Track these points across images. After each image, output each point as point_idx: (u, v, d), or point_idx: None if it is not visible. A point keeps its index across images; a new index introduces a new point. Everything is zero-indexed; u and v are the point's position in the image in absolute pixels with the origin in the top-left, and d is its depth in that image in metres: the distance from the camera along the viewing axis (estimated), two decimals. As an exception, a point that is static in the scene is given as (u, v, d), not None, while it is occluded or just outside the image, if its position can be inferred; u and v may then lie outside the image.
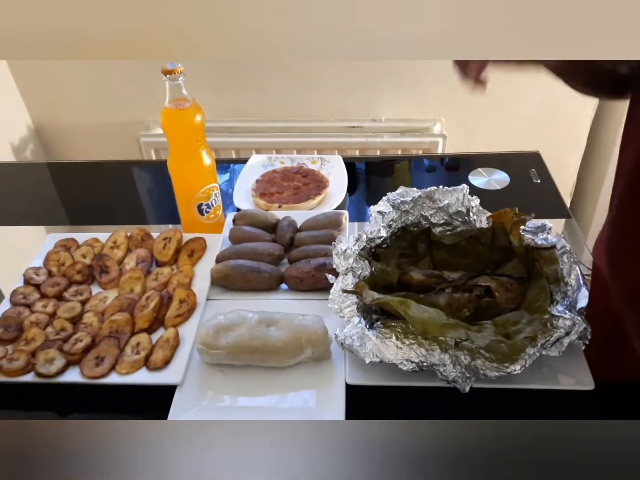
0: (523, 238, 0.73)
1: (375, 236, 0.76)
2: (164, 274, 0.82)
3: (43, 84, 1.69)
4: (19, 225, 1.05)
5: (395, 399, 0.66)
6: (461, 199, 0.77)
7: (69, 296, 0.80)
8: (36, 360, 0.68)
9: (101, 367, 0.68)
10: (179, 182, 0.87)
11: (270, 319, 0.69)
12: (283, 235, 0.87)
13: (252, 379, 0.68)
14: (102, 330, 0.73)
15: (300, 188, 1.04)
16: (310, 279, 0.78)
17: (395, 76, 1.61)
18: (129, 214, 1.06)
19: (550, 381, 0.65)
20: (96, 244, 0.89)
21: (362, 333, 0.64)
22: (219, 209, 0.92)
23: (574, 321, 0.61)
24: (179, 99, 0.80)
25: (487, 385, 0.63)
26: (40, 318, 0.75)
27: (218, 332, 0.68)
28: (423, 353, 0.62)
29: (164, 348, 0.70)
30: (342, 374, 0.67)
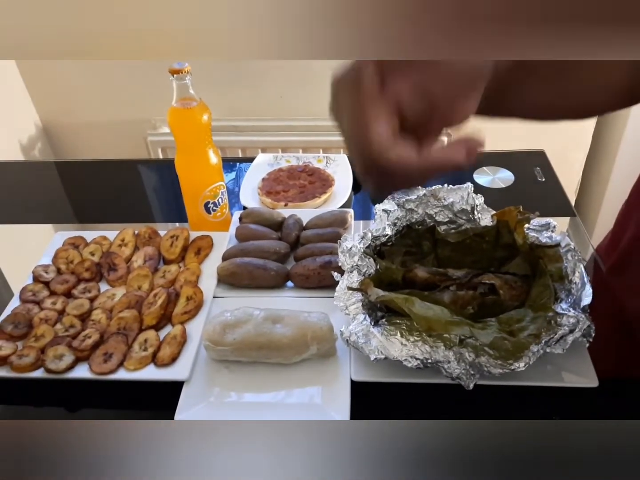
0: (527, 236, 0.73)
1: (381, 234, 0.76)
2: (171, 271, 0.83)
3: (51, 83, 1.70)
4: (28, 223, 1.06)
5: (399, 396, 0.67)
6: (466, 197, 0.77)
7: (77, 293, 0.81)
8: (45, 357, 0.69)
9: (109, 363, 0.69)
10: (186, 181, 0.88)
11: (276, 316, 0.70)
12: (289, 233, 0.88)
13: (258, 375, 0.69)
14: (111, 326, 0.74)
15: (306, 186, 1.05)
16: (316, 277, 0.79)
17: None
18: (137, 212, 1.07)
19: (554, 378, 0.65)
20: (104, 242, 0.90)
21: (367, 330, 0.64)
22: (226, 207, 0.93)
23: (578, 319, 0.62)
24: (186, 98, 0.81)
25: (491, 382, 0.63)
26: (49, 315, 0.76)
27: (224, 328, 0.69)
28: (427, 350, 0.62)
29: (172, 345, 0.71)
30: (347, 371, 0.67)
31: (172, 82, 0.79)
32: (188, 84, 0.79)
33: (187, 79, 0.79)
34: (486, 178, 1.08)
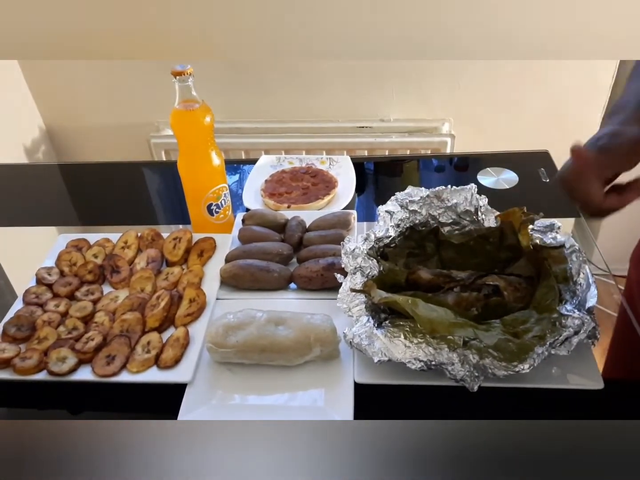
0: (532, 237, 0.73)
1: (384, 236, 0.76)
2: (174, 273, 0.83)
3: (54, 86, 1.71)
4: (32, 226, 1.06)
5: (403, 398, 0.67)
6: (469, 198, 0.77)
7: (80, 295, 0.81)
8: (48, 359, 0.69)
9: (112, 365, 0.69)
10: (188, 183, 0.88)
11: (279, 318, 0.70)
12: (292, 235, 0.87)
13: (261, 378, 0.69)
14: (113, 329, 0.74)
15: (309, 188, 1.05)
16: (319, 279, 0.78)
17: (403, 76, 1.61)
18: (140, 214, 1.07)
19: (559, 380, 0.64)
20: (107, 244, 0.90)
21: (370, 332, 0.64)
22: (229, 209, 0.93)
23: (583, 320, 0.61)
24: (188, 100, 0.80)
25: (495, 385, 0.63)
26: (52, 317, 0.76)
27: (227, 331, 0.69)
28: (431, 352, 0.62)
29: (174, 347, 0.71)
30: (350, 373, 0.67)
31: (174, 84, 0.79)
32: (190, 85, 0.79)
33: (190, 80, 0.79)
34: (490, 179, 1.08)
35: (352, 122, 1.66)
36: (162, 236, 0.90)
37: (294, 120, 1.68)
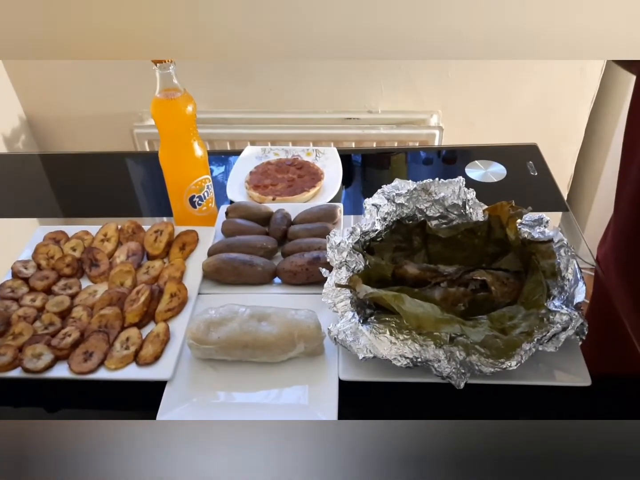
0: (520, 231, 0.72)
1: (370, 229, 0.74)
2: (155, 267, 0.81)
3: (35, 75, 1.67)
4: (10, 217, 1.03)
5: (389, 395, 0.65)
6: (457, 191, 0.76)
7: (57, 290, 0.78)
8: (23, 355, 0.67)
9: (90, 362, 0.67)
10: (170, 174, 0.86)
11: (262, 314, 0.68)
12: (277, 228, 0.86)
13: (244, 375, 0.67)
14: (91, 324, 0.72)
15: (294, 180, 1.03)
16: (304, 273, 0.77)
17: (392, 68, 1.59)
18: (121, 206, 1.04)
19: (547, 377, 0.64)
20: (86, 237, 0.87)
21: (355, 328, 0.63)
22: (212, 201, 0.91)
23: (571, 316, 0.60)
24: (169, 89, 0.78)
25: (482, 381, 0.62)
26: (28, 312, 0.74)
27: (209, 326, 0.67)
28: (417, 348, 0.61)
29: (154, 343, 0.69)
30: (335, 370, 0.66)
31: (154, 71, 0.76)
32: (172, 73, 0.77)
33: (171, 68, 0.76)
34: (478, 172, 1.07)
35: (339, 114, 1.65)
36: (143, 229, 0.88)
37: (281, 111, 1.66)
